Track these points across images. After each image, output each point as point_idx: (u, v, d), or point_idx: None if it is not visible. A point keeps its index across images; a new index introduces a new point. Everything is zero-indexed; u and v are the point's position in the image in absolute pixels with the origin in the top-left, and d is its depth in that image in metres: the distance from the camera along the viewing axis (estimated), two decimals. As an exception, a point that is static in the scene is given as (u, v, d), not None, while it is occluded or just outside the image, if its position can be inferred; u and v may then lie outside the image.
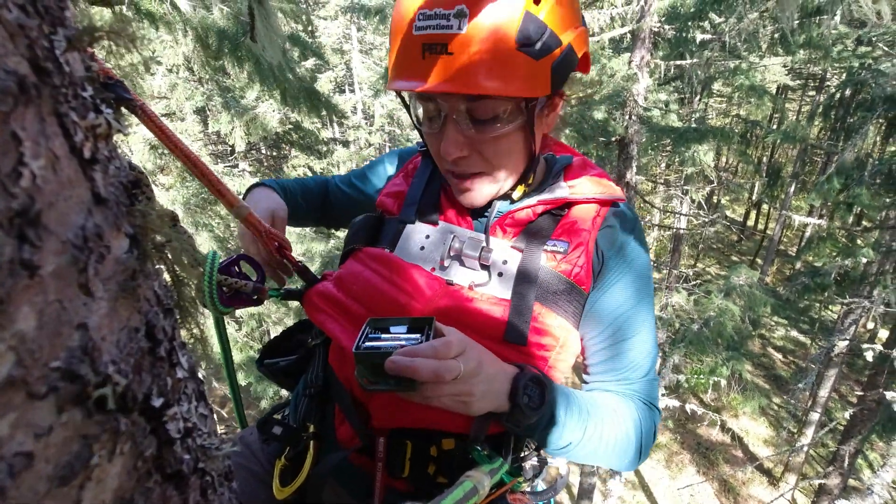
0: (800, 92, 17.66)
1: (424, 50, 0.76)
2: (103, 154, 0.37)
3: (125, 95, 0.50)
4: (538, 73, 0.78)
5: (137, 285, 0.35)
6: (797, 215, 8.85)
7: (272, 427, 0.98)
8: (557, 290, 0.87)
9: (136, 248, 0.37)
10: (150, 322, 0.37)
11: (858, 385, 12.80)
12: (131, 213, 0.39)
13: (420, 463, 0.86)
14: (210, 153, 9.58)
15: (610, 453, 0.86)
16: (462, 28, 0.73)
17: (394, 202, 1.03)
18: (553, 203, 0.93)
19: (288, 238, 1.02)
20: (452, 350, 0.68)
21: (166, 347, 0.39)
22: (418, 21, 0.76)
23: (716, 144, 6.81)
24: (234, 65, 4.58)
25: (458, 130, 0.82)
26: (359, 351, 0.69)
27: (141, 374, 0.33)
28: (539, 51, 0.76)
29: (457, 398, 0.70)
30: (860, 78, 6.06)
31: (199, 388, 0.49)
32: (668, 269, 10.13)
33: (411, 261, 0.93)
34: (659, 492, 10.95)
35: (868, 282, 7.33)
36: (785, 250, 19.83)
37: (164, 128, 0.79)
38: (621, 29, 6.46)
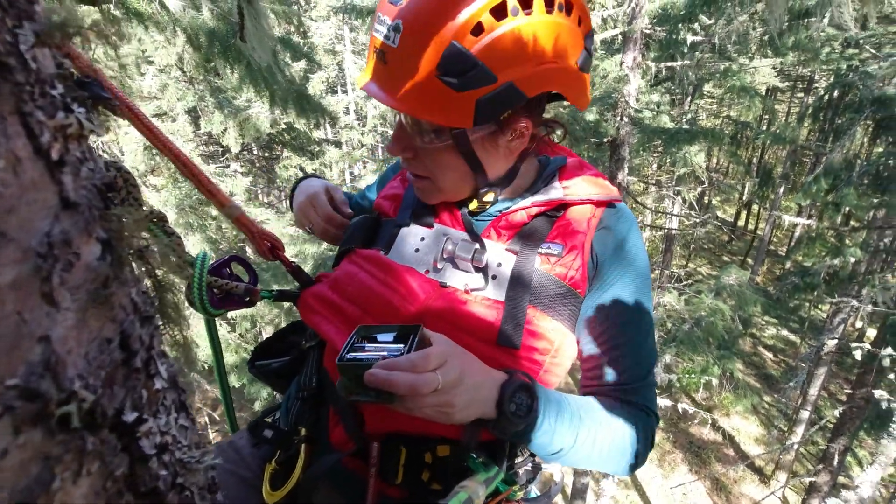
0: (789, 93, 17.85)
1: (374, 53, 0.80)
2: (75, 155, 0.35)
3: (102, 94, 0.48)
4: (459, 103, 0.77)
5: (111, 293, 0.33)
6: (787, 215, 8.93)
7: (263, 430, 0.97)
8: (552, 293, 0.86)
9: (109, 254, 0.35)
10: (126, 331, 0.35)
11: (847, 383, 12.95)
12: (106, 217, 0.37)
13: (414, 469, 0.85)
14: (201, 154, 9.50)
15: (604, 458, 0.84)
16: (395, 42, 0.75)
17: (390, 205, 1.03)
18: (547, 205, 0.91)
19: (280, 240, 1.01)
20: (431, 362, 0.67)
21: (143, 357, 0.38)
22: (376, 23, 0.79)
23: (707, 145, 6.86)
24: (224, 66, 4.54)
25: (403, 133, 0.86)
26: (342, 362, 0.69)
27: (113, 387, 0.31)
28: (461, 84, 0.75)
29: (438, 409, 0.69)
30: (848, 80, 6.14)
31: (179, 399, 0.47)
32: (660, 270, 10.19)
33: (406, 263, 0.92)
34: (652, 491, 11.00)
35: (856, 281, 7.42)
36: (775, 250, 20.04)
37: (153, 127, 0.77)
38: (613, 31, 6.49)
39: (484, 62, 0.75)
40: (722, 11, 5.77)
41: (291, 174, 10.11)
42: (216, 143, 8.92)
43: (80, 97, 0.39)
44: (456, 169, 0.88)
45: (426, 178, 0.90)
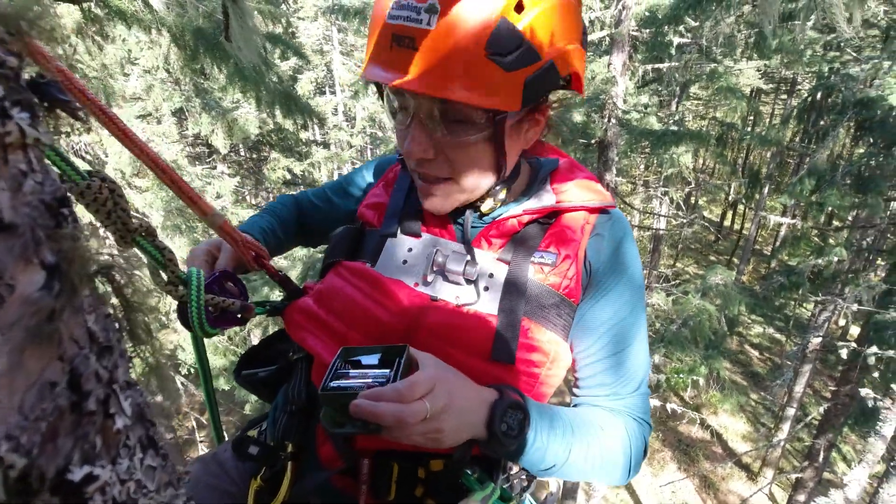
0: (773, 95, 18.12)
1: (393, 41, 0.72)
2: (16, 168, 0.30)
3: (59, 96, 0.44)
4: (508, 85, 0.73)
5: (56, 328, 0.29)
6: (773, 215, 9.06)
7: (248, 447, 0.92)
8: (546, 303, 0.84)
9: (58, 282, 0.31)
10: (77, 370, 0.31)
11: (832, 380, 13.16)
12: (55, 237, 0.32)
13: (407, 485, 0.82)
14: (188, 155, 9.35)
15: (597, 471, 0.83)
16: (431, 24, 0.69)
17: (374, 213, 0.98)
18: (540, 212, 0.89)
19: (265, 249, 0.96)
20: (418, 391, 0.65)
21: (99, 396, 0.33)
22: (393, 9, 0.72)
23: (693, 147, 6.92)
24: (211, 65, 4.46)
25: (424, 130, 0.78)
26: (325, 391, 0.66)
27: (56, 440, 0.27)
28: (511, 62, 0.71)
29: (426, 436, 0.67)
30: (831, 82, 6.23)
31: (147, 434, 0.42)
32: (649, 270, 10.26)
33: (394, 275, 0.88)
34: (642, 489, 11.07)
35: (840, 280, 7.53)
36: (760, 249, 20.31)
37: (128, 131, 0.72)
38: (600, 32, 6.51)
39: (529, 39, 0.71)
40: (708, 14, 5.82)
41: (279, 176, 9.99)
42: (203, 145, 8.79)
43: (26, 101, 0.34)
44: (483, 163, 0.82)
45: (447, 179, 0.83)
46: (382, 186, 1.03)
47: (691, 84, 8.79)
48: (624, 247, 0.91)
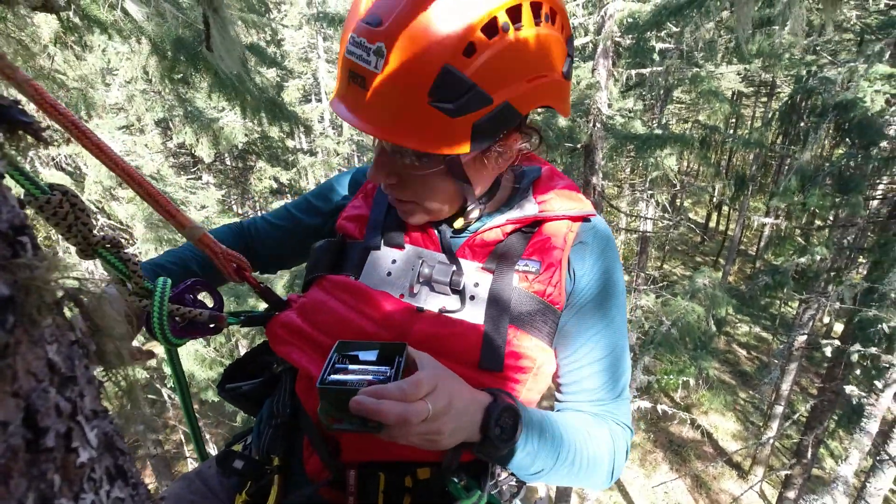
0: (753, 98, 18.47)
1: (349, 76, 0.74)
2: (-32, 198, 0.29)
3: (20, 118, 0.43)
4: (454, 130, 0.72)
5: (9, 364, 0.28)
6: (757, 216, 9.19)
7: (233, 461, 0.91)
8: (531, 311, 0.85)
9: (12, 315, 0.30)
10: (33, 406, 0.30)
11: (818, 377, 13.36)
12: (10, 267, 0.31)
13: (395, 495, 0.82)
14: (172, 165, 9.23)
15: (581, 477, 0.84)
16: (378, 67, 0.69)
17: (355, 226, 0.97)
18: (522, 221, 0.90)
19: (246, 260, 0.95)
20: (422, 390, 0.64)
21: (59, 431, 0.32)
22: (349, 45, 0.72)
23: (678, 149, 7.01)
24: (193, 75, 4.42)
25: (386, 158, 0.80)
26: (324, 385, 0.64)
27: (8, 483, 0.26)
28: (456, 109, 0.70)
29: (425, 437, 0.66)
30: (810, 85, 6.36)
31: (116, 464, 0.41)
32: (636, 272, 10.35)
33: (379, 287, 0.88)
34: (634, 491, 11.10)
35: (823, 278, 7.67)
36: (745, 250, 20.61)
37: (102, 144, 0.71)
38: (584, 39, 6.58)
39: (478, 84, 0.70)
40: (689, 19, 5.92)
41: (266, 185, 9.91)
42: (187, 154, 8.70)
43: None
44: (445, 191, 0.84)
45: (411, 202, 0.86)
46: (362, 198, 1.02)
47: (674, 88, 8.92)
48: (607, 255, 0.92)
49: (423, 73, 0.69)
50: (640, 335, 7.31)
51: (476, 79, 0.70)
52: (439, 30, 0.67)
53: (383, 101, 0.71)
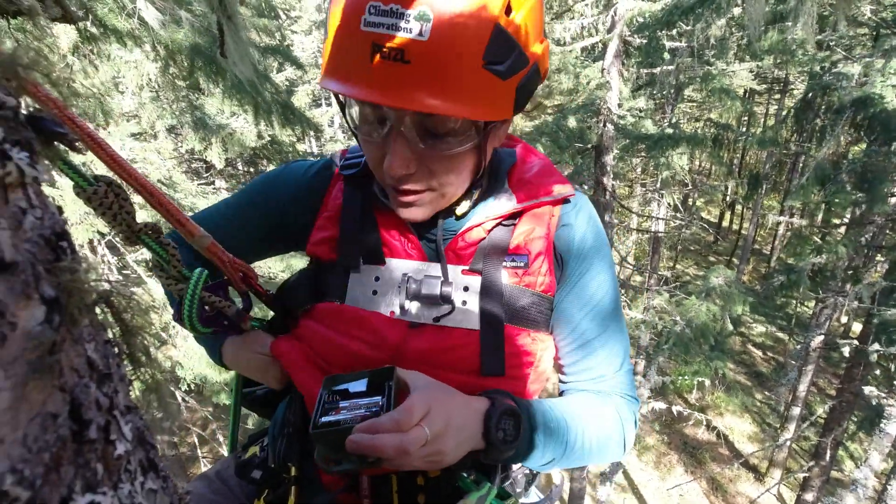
0: (766, 95, 18.22)
1: (374, 52, 0.63)
2: (16, 206, 0.31)
3: (55, 129, 0.45)
4: (503, 94, 0.69)
5: (57, 360, 0.30)
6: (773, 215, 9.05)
7: (251, 471, 0.93)
8: (525, 305, 0.85)
9: (57, 315, 0.32)
10: (77, 399, 0.32)
11: (836, 378, 13.11)
12: (54, 271, 0.33)
13: (408, 495, 0.82)
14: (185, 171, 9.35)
15: (594, 456, 0.85)
16: (424, 34, 0.61)
17: (327, 248, 0.91)
18: (502, 217, 0.86)
19: (253, 269, 0.97)
20: (415, 416, 0.64)
21: (100, 423, 0.34)
22: (369, 15, 0.62)
23: (690, 149, 6.95)
24: (207, 81, 4.49)
25: (406, 145, 0.71)
26: (316, 430, 0.64)
27: (59, 470, 0.28)
28: (506, 71, 0.67)
29: (428, 459, 0.66)
30: (825, 82, 6.26)
31: (147, 457, 0.43)
32: (648, 273, 10.26)
33: (367, 307, 0.85)
34: (649, 493, 10.99)
35: (840, 277, 7.53)
36: (760, 249, 20.32)
37: (116, 155, 0.73)
38: (592, 38, 6.56)
39: (519, 42, 0.67)
40: (700, 17, 5.87)
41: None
42: (200, 160, 8.81)
43: (25, 140, 0.35)
44: (465, 171, 0.78)
45: (426, 190, 0.78)
46: (325, 219, 0.92)
47: (685, 87, 8.84)
48: (591, 231, 0.90)
49: (478, 34, 0.63)
50: (653, 336, 7.25)
51: (517, 37, 0.67)
52: None
53: (433, 71, 0.63)
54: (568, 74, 6.76)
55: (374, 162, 0.78)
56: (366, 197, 0.90)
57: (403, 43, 0.62)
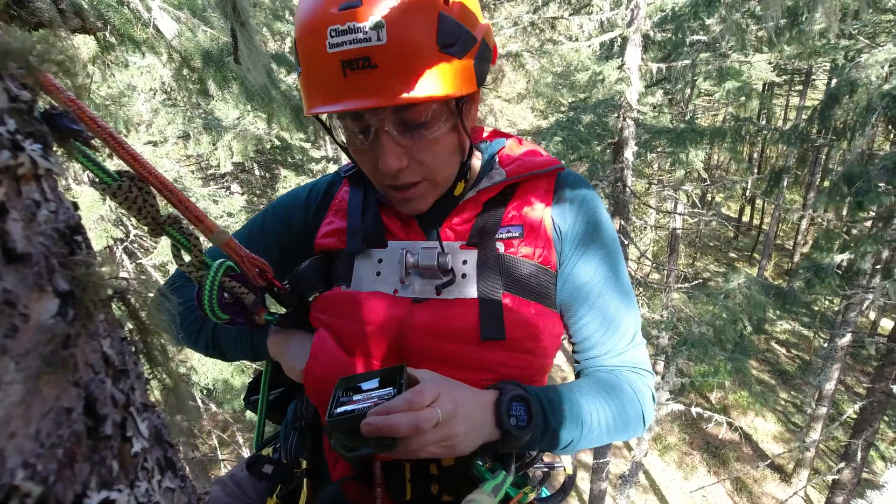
0: (786, 87, 17.80)
1: (345, 67, 0.72)
2: (29, 199, 0.31)
3: (71, 126, 0.45)
4: (464, 70, 0.77)
5: (72, 354, 0.29)
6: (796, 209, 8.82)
7: (262, 466, 0.94)
8: (523, 274, 0.86)
9: (72, 308, 0.31)
10: (92, 395, 0.31)
11: (865, 376, 12.72)
12: (68, 264, 0.33)
13: (421, 483, 0.83)
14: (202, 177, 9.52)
15: (613, 433, 0.86)
16: (382, 38, 0.70)
17: (335, 240, 0.97)
18: (494, 189, 0.91)
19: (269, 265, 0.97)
20: (426, 397, 0.66)
21: (116, 420, 0.33)
22: (331, 38, 0.71)
23: (712, 143, 6.82)
24: (219, 87, 4.55)
25: (393, 142, 0.79)
26: (332, 418, 0.66)
27: (73, 466, 0.27)
28: (460, 49, 0.75)
29: (441, 444, 0.67)
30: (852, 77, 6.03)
31: (165, 455, 0.43)
32: (667, 270, 10.10)
33: (371, 289, 0.89)
34: (671, 494, 10.80)
35: (868, 273, 7.30)
36: (781, 244, 19.87)
37: (136, 154, 0.74)
38: (611, 33, 6.49)
39: (464, 24, 0.76)
40: (716, 9, 5.76)
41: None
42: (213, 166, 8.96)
43: (39, 132, 0.35)
44: (451, 152, 0.85)
45: (421, 181, 0.85)
46: (333, 214, 1.00)
47: (702, 81, 8.68)
48: (589, 205, 0.92)
49: (427, 24, 0.72)
50: (673, 335, 7.12)
51: (461, 19, 0.76)
52: None
53: (399, 67, 0.72)
54: (586, 71, 6.70)
55: (370, 169, 0.85)
56: (367, 191, 0.98)
57: (367, 51, 0.70)
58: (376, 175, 0.84)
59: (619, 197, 6.79)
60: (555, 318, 0.89)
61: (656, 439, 11.88)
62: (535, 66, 7.95)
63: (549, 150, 6.18)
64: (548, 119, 6.80)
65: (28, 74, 0.38)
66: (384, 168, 0.80)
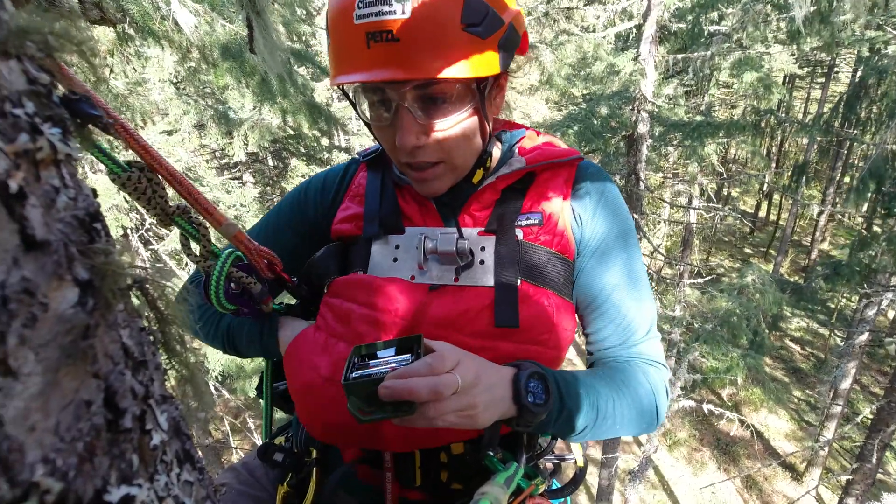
0: (808, 79, 17.37)
1: (369, 39, 0.72)
2: (48, 185, 0.30)
3: (90, 112, 0.44)
4: (486, 52, 0.76)
5: (91, 344, 0.28)
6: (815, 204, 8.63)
7: (273, 454, 0.94)
8: (540, 262, 0.85)
9: (91, 297, 0.30)
10: (112, 387, 0.30)
11: (881, 375, 12.50)
12: (88, 252, 0.32)
13: (432, 470, 0.83)
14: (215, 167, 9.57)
15: (627, 425, 0.84)
16: (406, 12, 0.70)
17: (351, 225, 0.96)
18: (513, 176, 0.90)
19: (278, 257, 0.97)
20: (447, 363, 0.64)
21: (135, 413, 0.33)
22: (358, 9, 0.72)
23: (727, 137, 6.68)
24: (238, 81, 4.56)
25: (413, 119, 0.79)
26: (348, 382, 0.64)
27: (93, 460, 0.26)
28: (485, 30, 0.75)
29: (461, 413, 0.65)
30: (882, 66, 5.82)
31: (183, 448, 0.42)
32: (681, 266, 9.98)
33: (388, 274, 0.88)
34: (680, 490, 10.75)
35: (888, 271, 7.13)
36: (798, 240, 19.51)
37: (147, 146, 0.73)
38: (627, 24, 6.37)
39: (491, 5, 0.75)
40: (737, 0, 5.62)
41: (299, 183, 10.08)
42: (227, 155, 9.00)
43: (58, 116, 0.34)
44: (471, 135, 0.84)
45: (439, 162, 0.84)
46: (350, 200, 1.00)
47: (719, 72, 8.49)
48: (608, 196, 0.92)
49: (452, 2, 0.72)
50: (684, 329, 7.05)
51: (488, 1, 0.75)
52: None
53: (421, 42, 0.72)
54: (601, 62, 6.59)
55: (389, 145, 0.85)
56: (385, 175, 0.98)
57: (391, 23, 0.71)
58: (395, 152, 0.84)
59: (632, 190, 6.70)
60: (569, 310, 0.88)
61: (666, 435, 11.81)
62: (550, 57, 7.86)
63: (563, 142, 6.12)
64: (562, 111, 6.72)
65: (46, 57, 0.37)
66: (401, 144, 0.80)
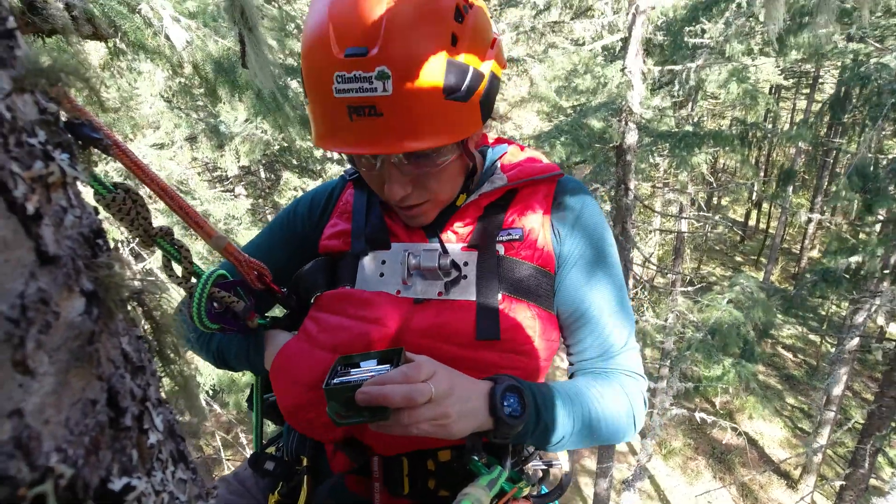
0: (793, 91, 17.72)
1: (351, 112, 0.74)
2: (58, 205, 0.33)
3: (92, 135, 0.47)
4: (469, 113, 0.78)
5: (96, 349, 0.31)
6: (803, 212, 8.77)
7: (264, 463, 0.95)
8: (521, 276, 0.88)
9: (96, 307, 0.33)
10: (114, 388, 0.33)
11: (872, 381, 12.59)
12: (92, 266, 0.35)
13: (419, 478, 0.85)
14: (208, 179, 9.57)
15: (605, 433, 0.87)
16: (388, 90, 0.71)
17: (339, 241, 0.99)
18: (495, 194, 0.93)
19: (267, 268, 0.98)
20: (423, 373, 0.67)
21: (134, 413, 0.36)
22: (337, 83, 0.73)
23: (714, 148, 6.80)
24: (231, 95, 4.59)
25: (399, 173, 0.82)
26: (329, 387, 0.68)
27: (98, 453, 0.29)
28: (466, 93, 0.76)
29: (434, 422, 0.68)
30: (863, 73, 5.99)
31: (177, 448, 0.45)
32: (673, 274, 10.06)
33: (374, 289, 0.91)
34: (675, 499, 10.72)
35: (876, 277, 7.24)
36: (788, 248, 19.74)
37: (139, 162, 0.76)
38: (612, 37, 6.50)
39: (471, 64, 0.77)
40: (722, 13, 5.76)
41: (291, 196, 10.12)
42: (219, 168, 9.00)
43: (65, 142, 0.37)
44: (457, 175, 0.88)
45: (426, 202, 0.88)
46: (338, 216, 1.03)
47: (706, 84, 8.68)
48: (587, 210, 0.95)
49: (433, 75, 0.73)
50: (676, 338, 7.10)
51: (468, 61, 0.76)
52: (425, 32, 0.73)
53: (404, 117, 0.74)
54: (588, 74, 6.71)
55: (377, 188, 0.88)
56: (371, 193, 1.00)
57: (373, 100, 0.72)
58: (383, 195, 0.88)
59: (621, 201, 6.79)
60: (552, 321, 0.91)
61: (661, 444, 11.80)
62: (539, 70, 7.99)
63: (552, 154, 6.20)
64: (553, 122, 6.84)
65: (54, 87, 0.41)
66: (389, 196, 0.84)
